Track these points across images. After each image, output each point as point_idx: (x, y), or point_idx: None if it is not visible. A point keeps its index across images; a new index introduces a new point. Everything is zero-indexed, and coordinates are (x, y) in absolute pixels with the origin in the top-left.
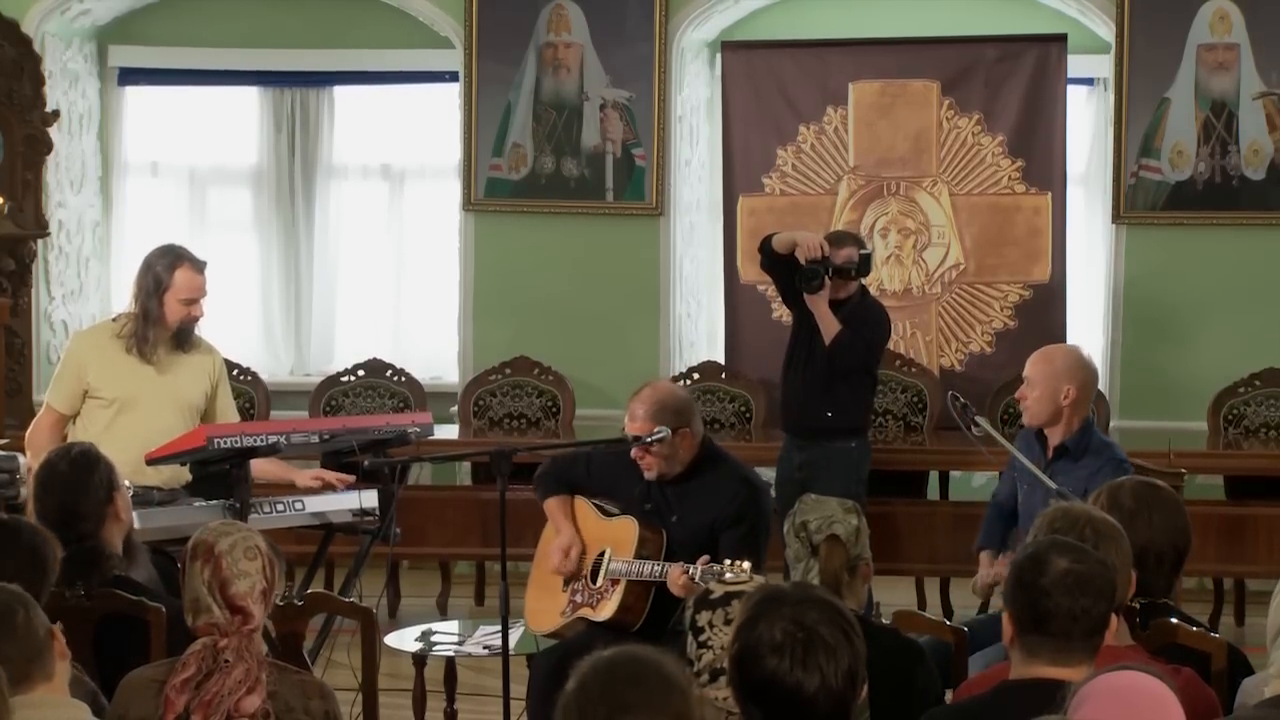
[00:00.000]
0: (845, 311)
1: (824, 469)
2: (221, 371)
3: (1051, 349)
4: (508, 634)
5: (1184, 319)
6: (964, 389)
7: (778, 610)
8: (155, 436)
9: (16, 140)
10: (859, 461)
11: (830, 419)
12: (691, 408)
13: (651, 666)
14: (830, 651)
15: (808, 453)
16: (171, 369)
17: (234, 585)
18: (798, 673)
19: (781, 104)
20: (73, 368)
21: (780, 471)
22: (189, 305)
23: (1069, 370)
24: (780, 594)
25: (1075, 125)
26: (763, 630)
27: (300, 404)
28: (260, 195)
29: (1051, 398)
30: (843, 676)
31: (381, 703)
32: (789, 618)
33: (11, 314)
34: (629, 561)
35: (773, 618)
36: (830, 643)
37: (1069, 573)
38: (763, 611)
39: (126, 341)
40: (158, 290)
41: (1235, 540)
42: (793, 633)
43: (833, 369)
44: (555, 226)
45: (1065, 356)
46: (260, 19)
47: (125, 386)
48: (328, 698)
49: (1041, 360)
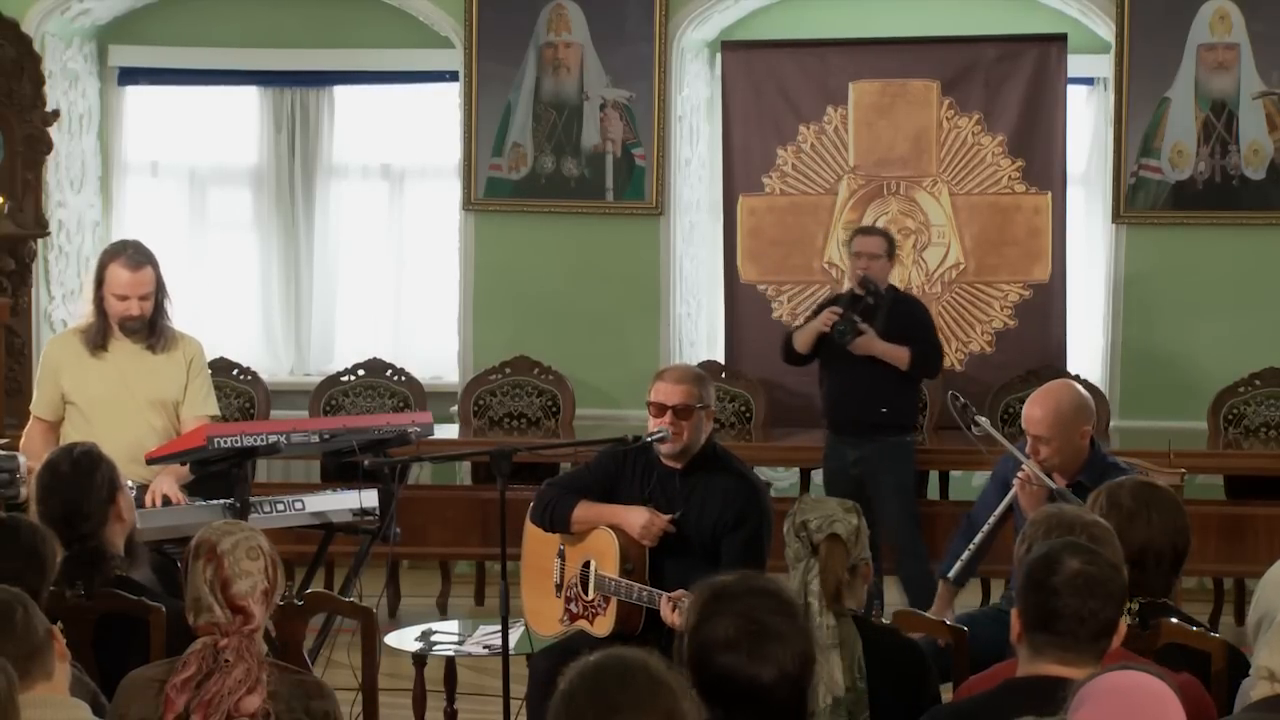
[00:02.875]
0: (891, 319)
1: (882, 463)
2: (196, 362)
3: (1051, 396)
4: (508, 634)
5: (1184, 319)
6: (964, 389)
7: (726, 606)
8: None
9: (16, 140)
10: (912, 455)
11: (885, 415)
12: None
13: (638, 667)
14: (781, 639)
15: (863, 449)
16: (142, 367)
17: (235, 585)
18: (754, 665)
19: (781, 104)
20: (48, 374)
21: (830, 467)
22: (123, 301)
23: (1076, 413)
24: (726, 589)
25: (1075, 125)
26: (713, 628)
27: (300, 404)
28: (260, 195)
29: (1071, 444)
30: (796, 661)
31: (381, 703)
32: (738, 612)
33: (11, 314)
34: (617, 580)
35: (722, 614)
36: (781, 630)
37: (1080, 574)
38: (712, 609)
39: (91, 343)
40: (99, 284)
41: (1235, 540)
42: (743, 626)
43: (878, 368)
44: (555, 226)
45: (1070, 401)
46: (260, 19)
47: (103, 390)
48: (328, 698)
49: (1050, 412)
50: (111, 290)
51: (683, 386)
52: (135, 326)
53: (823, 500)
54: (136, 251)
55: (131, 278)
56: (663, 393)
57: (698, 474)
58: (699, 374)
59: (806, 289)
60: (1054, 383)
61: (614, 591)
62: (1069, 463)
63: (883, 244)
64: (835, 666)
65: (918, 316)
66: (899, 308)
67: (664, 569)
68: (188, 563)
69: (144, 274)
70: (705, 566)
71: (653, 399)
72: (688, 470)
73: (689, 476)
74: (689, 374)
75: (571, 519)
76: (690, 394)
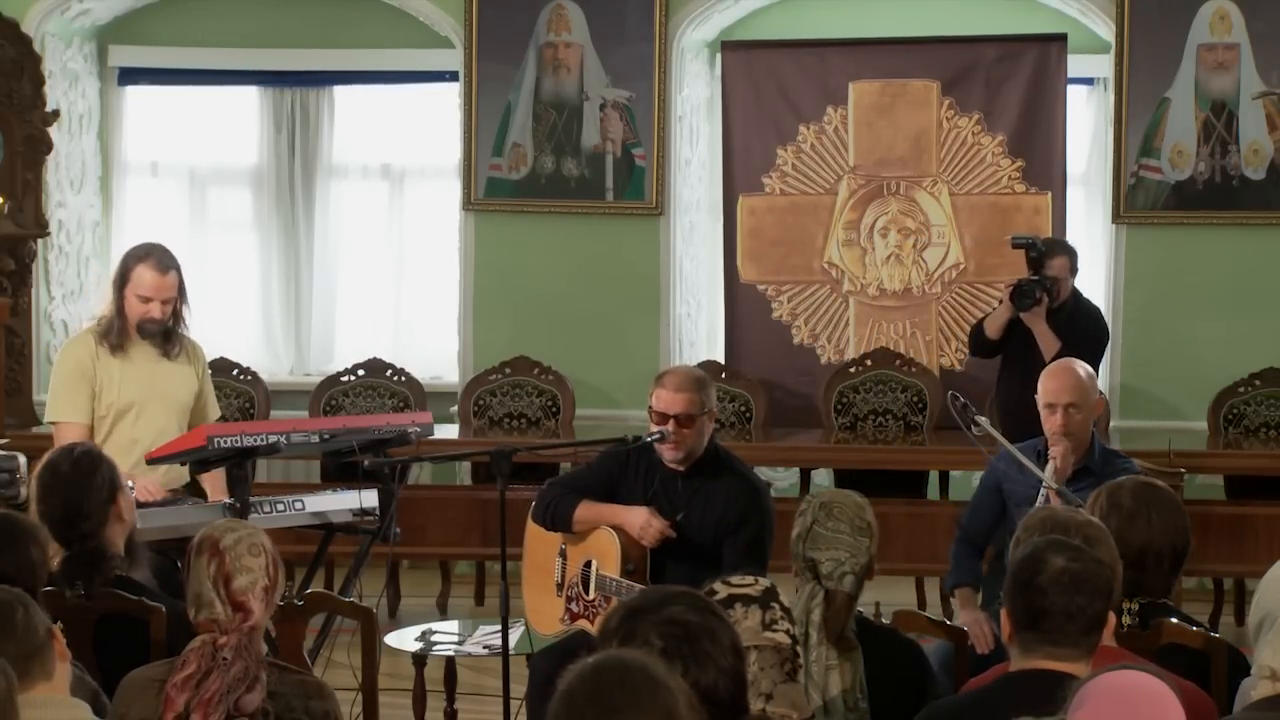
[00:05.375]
0: (1061, 320)
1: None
2: (206, 370)
3: (1064, 367)
4: (508, 634)
5: (1184, 319)
6: (964, 389)
7: (645, 618)
8: (153, 440)
9: (16, 140)
10: None
11: None
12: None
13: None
14: (711, 636)
15: None
16: (161, 371)
17: (237, 580)
18: (693, 673)
19: (781, 104)
20: (78, 375)
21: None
22: (145, 303)
23: (1091, 379)
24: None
25: (1075, 125)
26: (641, 644)
27: (300, 404)
28: (260, 195)
29: (1092, 414)
30: (730, 653)
31: (381, 703)
32: (661, 620)
33: (11, 314)
34: (618, 580)
35: (645, 629)
36: (708, 627)
37: (1065, 571)
38: (632, 627)
39: (110, 344)
40: (122, 284)
41: (1235, 540)
42: (670, 634)
43: None
44: (555, 226)
45: (1083, 368)
46: (260, 19)
47: (121, 392)
48: (328, 697)
49: (1073, 378)
50: (136, 291)
51: (684, 395)
52: (153, 330)
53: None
54: (164, 255)
55: (158, 280)
56: (664, 401)
57: (700, 476)
58: (700, 378)
59: (806, 289)
60: (1058, 360)
61: (615, 592)
62: (1084, 440)
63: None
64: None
65: (1089, 321)
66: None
67: (665, 570)
68: (190, 560)
69: (170, 278)
70: (707, 568)
71: (655, 407)
72: (690, 472)
73: (691, 479)
74: (689, 380)
75: (573, 519)
76: (692, 401)
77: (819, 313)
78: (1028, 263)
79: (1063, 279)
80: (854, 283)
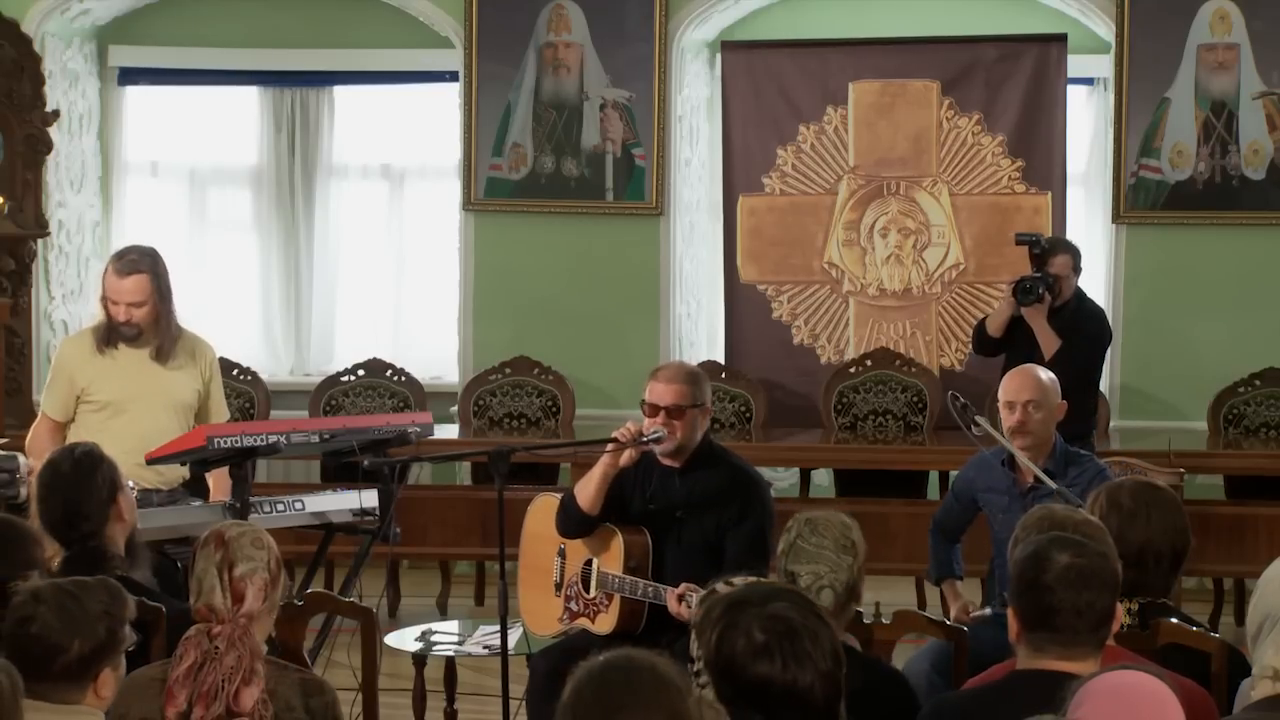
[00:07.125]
0: (1063, 319)
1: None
2: (214, 369)
3: (1023, 369)
4: (507, 634)
5: (1184, 319)
6: (964, 389)
7: (748, 612)
8: (150, 437)
9: (16, 140)
10: None
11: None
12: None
13: (644, 667)
14: (813, 637)
15: None
16: (151, 371)
17: (239, 566)
18: (791, 670)
19: (781, 104)
20: (63, 374)
21: None
22: (114, 307)
23: (1053, 382)
24: (743, 597)
25: (1075, 125)
26: (741, 636)
27: (300, 404)
28: (260, 195)
29: (1052, 415)
30: (830, 658)
31: (381, 703)
32: (764, 616)
33: (11, 314)
34: (621, 576)
35: (747, 621)
36: (811, 628)
37: (1071, 567)
38: (735, 618)
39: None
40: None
41: (1235, 540)
42: (773, 629)
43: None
44: (555, 226)
45: (1047, 374)
46: (260, 19)
47: (116, 389)
48: (328, 694)
49: (1031, 378)
50: (106, 295)
51: (675, 386)
52: (129, 333)
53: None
54: (133, 259)
55: (118, 284)
56: (656, 393)
57: (696, 471)
58: (693, 372)
59: (806, 289)
60: (1021, 365)
61: (618, 588)
62: (1047, 440)
63: (1069, 262)
64: None
65: (1091, 322)
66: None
67: (666, 566)
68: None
69: (132, 282)
70: (708, 562)
71: (646, 399)
72: (686, 468)
73: (688, 474)
74: (682, 373)
75: (580, 503)
76: (683, 394)
77: (819, 313)
78: (1031, 259)
79: (1065, 277)
80: (854, 283)
